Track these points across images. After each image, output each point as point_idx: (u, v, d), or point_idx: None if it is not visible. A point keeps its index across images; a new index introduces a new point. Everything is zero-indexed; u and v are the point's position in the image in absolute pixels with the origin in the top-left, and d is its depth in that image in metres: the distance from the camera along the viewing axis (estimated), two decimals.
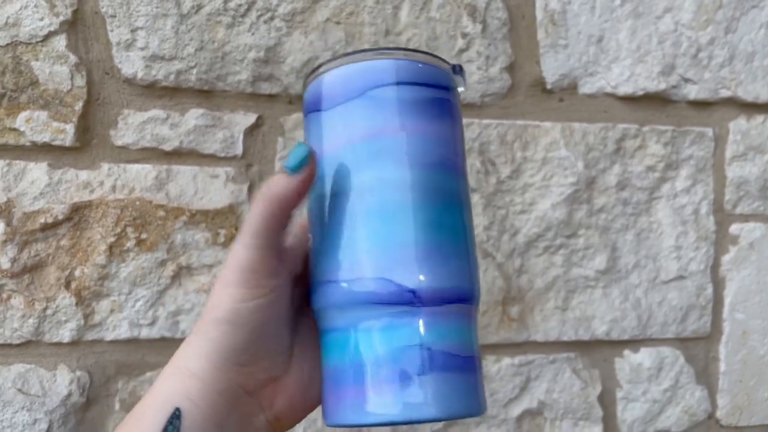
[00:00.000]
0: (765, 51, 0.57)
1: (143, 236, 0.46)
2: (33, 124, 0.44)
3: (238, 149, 0.47)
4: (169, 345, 0.46)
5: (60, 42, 0.45)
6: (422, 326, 0.27)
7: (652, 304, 0.55)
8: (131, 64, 0.46)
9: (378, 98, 0.28)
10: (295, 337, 0.30)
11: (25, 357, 0.45)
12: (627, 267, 0.54)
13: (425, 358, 0.27)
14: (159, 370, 0.46)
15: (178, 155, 0.47)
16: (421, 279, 0.27)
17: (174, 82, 0.46)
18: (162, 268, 0.46)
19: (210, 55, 0.47)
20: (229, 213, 0.47)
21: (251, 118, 0.48)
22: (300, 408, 0.29)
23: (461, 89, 0.32)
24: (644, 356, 0.55)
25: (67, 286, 0.45)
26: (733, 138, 0.56)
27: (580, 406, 0.53)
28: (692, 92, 0.55)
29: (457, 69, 0.31)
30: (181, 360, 0.27)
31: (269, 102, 0.48)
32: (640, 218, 0.54)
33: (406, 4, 0.50)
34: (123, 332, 0.46)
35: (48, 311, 0.45)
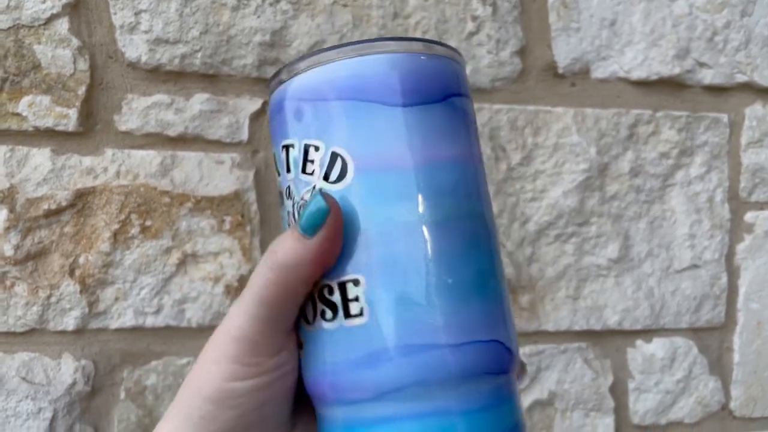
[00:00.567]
0: None
1: (148, 223, 0.45)
2: (35, 109, 0.44)
3: (244, 135, 0.47)
4: (175, 334, 0.46)
5: (62, 25, 0.44)
6: (518, 400, 0.24)
7: (665, 294, 0.54)
8: (135, 48, 0.45)
9: (462, 109, 0.24)
10: (298, 424, 0.25)
11: (29, 345, 0.44)
12: (640, 256, 0.53)
13: None
14: (164, 359, 0.46)
15: (183, 141, 0.46)
16: (513, 340, 0.24)
17: (178, 66, 0.45)
18: (167, 256, 0.45)
19: (215, 39, 0.46)
20: (235, 199, 0.46)
21: (257, 103, 0.47)
22: None
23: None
24: (657, 346, 0.54)
25: (71, 274, 0.44)
26: (749, 124, 0.55)
27: (592, 397, 0.52)
28: (707, 77, 0.54)
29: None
30: None
31: None
32: (654, 206, 0.53)
33: None
34: (128, 320, 0.45)
35: (52, 299, 0.44)
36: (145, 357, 0.46)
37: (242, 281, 0.47)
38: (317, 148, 0.23)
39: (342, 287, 0.22)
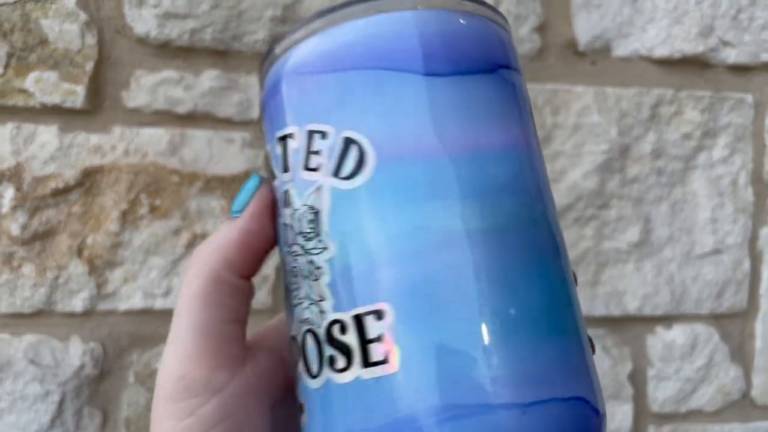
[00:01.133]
0: None
1: (157, 203, 0.44)
2: (42, 85, 0.42)
3: (255, 113, 0.45)
4: None
5: None
6: None
7: (686, 279, 0.52)
8: (144, 23, 0.44)
9: (507, 80, 0.19)
10: None
11: (37, 327, 0.43)
12: (660, 240, 0.52)
13: None
14: None
15: (193, 119, 0.45)
16: (599, 395, 0.18)
17: (188, 42, 0.44)
18: (176, 237, 0.44)
19: (225, 14, 0.44)
20: (245, 179, 0.45)
21: None
22: None
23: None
24: (677, 333, 0.52)
25: (79, 255, 0.43)
26: None
27: (610, 385, 0.51)
28: (731, 56, 0.52)
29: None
30: None
31: None
32: (675, 189, 0.52)
33: None
34: (137, 302, 0.44)
35: (60, 280, 0.43)
36: (154, 340, 0.45)
37: None
38: (324, 135, 0.18)
39: (359, 322, 0.17)
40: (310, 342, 0.18)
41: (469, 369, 0.16)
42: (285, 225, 0.19)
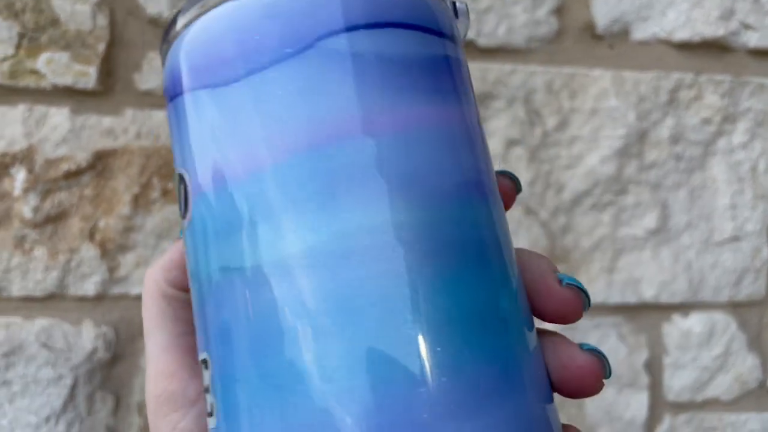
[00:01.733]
0: None
1: (169, 186, 0.44)
2: (54, 66, 0.42)
3: None
4: None
5: None
6: None
7: (704, 267, 0.51)
8: (155, 4, 0.43)
9: (339, 54, 0.14)
10: None
11: (49, 311, 0.43)
12: (678, 226, 0.51)
13: None
14: None
15: None
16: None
17: None
18: None
19: None
20: None
21: None
22: None
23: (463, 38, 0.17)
24: (694, 321, 0.52)
25: (91, 238, 0.43)
26: None
27: (626, 373, 0.51)
28: (752, 40, 0.51)
29: (458, 6, 0.17)
30: None
31: None
32: (694, 175, 0.51)
33: None
34: None
35: (72, 263, 0.43)
36: None
37: None
38: (180, 177, 0.16)
39: (203, 369, 0.15)
40: None
41: (415, 406, 0.13)
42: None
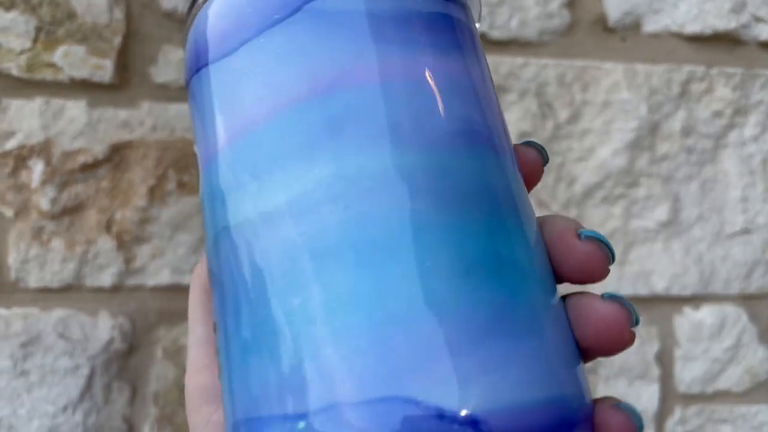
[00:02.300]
0: None
1: (185, 179, 0.44)
2: (71, 60, 0.42)
3: None
4: None
5: None
6: None
7: (715, 259, 0.52)
8: None
9: (327, 14, 0.15)
10: None
11: (66, 302, 0.43)
12: (689, 219, 0.51)
13: None
14: None
15: None
16: (477, 393, 0.13)
17: None
18: None
19: None
20: None
21: None
22: None
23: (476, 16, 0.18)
24: (705, 314, 0.52)
25: (108, 230, 0.43)
26: None
27: (637, 365, 0.51)
28: (764, 33, 0.51)
29: None
30: None
31: None
32: (705, 167, 0.51)
33: None
34: (165, 278, 0.44)
35: (89, 255, 0.43)
36: (182, 316, 0.45)
37: None
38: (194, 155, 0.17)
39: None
40: None
41: (425, 350, 0.13)
42: None
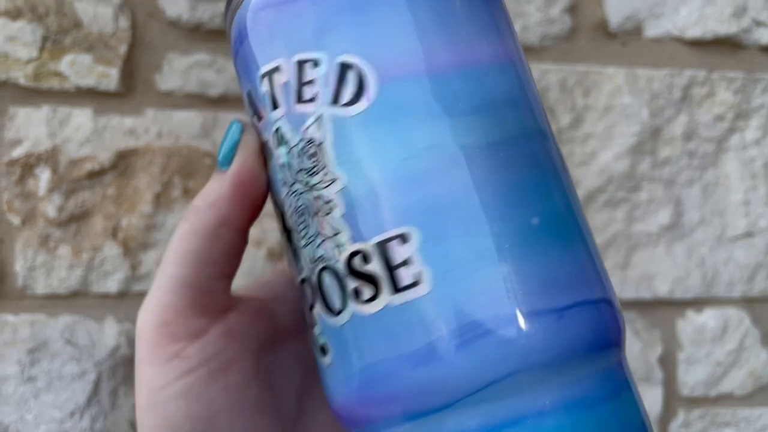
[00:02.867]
0: None
1: (190, 185, 0.44)
2: (77, 68, 0.43)
3: None
4: None
5: None
6: (636, 388, 0.18)
7: (718, 263, 0.52)
8: (175, 6, 0.44)
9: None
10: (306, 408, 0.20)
11: (73, 308, 0.44)
12: (692, 223, 0.51)
13: None
14: None
15: (224, 101, 0.45)
16: (617, 301, 0.19)
17: (219, 25, 0.44)
18: None
19: None
20: None
21: None
22: None
23: None
24: (708, 317, 0.52)
25: (114, 236, 0.44)
26: None
27: (640, 368, 0.51)
28: (765, 37, 0.52)
29: None
30: None
31: None
32: (707, 171, 0.51)
33: None
34: None
35: (95, 261, 0.44)
36: None
37: None
38: (316, 63, 0.17)
39: (383, 249, 0.16)
40: (328, 279, 0.17)
41: (499, 282, 0.15)
42: (281, 166, 0.18)
